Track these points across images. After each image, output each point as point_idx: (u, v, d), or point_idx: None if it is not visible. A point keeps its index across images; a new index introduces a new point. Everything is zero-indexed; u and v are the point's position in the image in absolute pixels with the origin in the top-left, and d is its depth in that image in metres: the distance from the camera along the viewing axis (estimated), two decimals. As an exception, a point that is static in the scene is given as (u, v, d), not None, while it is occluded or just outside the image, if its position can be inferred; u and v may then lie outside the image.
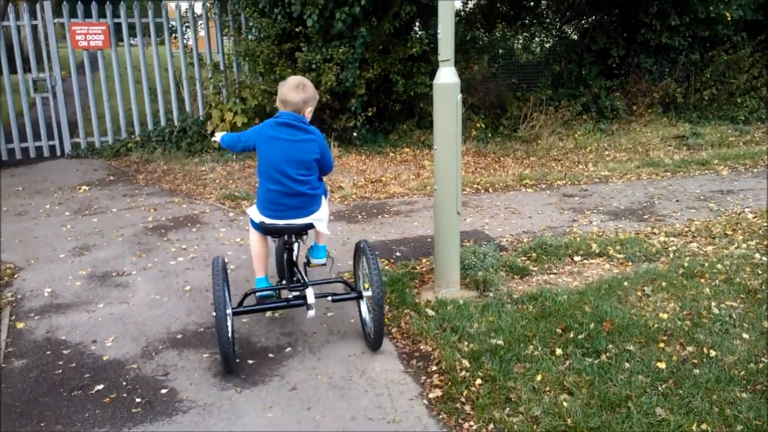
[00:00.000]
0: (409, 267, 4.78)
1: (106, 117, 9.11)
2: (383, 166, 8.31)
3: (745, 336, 3.54)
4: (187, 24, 9.42)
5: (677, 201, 6.45)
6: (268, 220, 3.50)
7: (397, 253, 5.14)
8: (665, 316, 3.77)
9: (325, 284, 3.91)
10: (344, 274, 4.70)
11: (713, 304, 3.91)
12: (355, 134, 9.01)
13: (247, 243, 5.31)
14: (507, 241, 5.38)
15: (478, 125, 9.61)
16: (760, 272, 4.38)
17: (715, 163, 7.97)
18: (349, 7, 8.05)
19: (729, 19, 10.06)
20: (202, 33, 9.54)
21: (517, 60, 11.57)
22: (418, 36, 9.38)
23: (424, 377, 3.27)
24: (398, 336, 3.72)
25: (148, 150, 8.87)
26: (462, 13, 11.60)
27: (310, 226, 3.58)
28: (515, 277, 4.55)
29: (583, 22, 12.14)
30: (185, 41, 9.42)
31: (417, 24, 10.28)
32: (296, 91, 3.41)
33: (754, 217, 5.67)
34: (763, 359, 3.30)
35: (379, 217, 6.18)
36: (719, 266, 4.48)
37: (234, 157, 8.47)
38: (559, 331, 3.60)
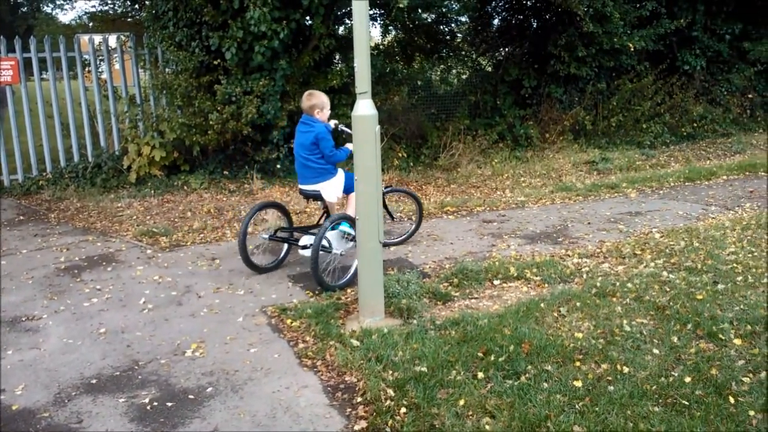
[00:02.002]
0: (334, 297, 4.78)
1: (16, 154, 8.72)
2: (291, 197, 8.29)
3: (656, 351, 3.71)
4: (101, 57, 9.19)
5: (589, 223, 6.75)
6: (299, 185, 5.39)
7: (322, 285, 5.12)
8: (580, 335, 3.91)
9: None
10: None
11: (625, 321, 4.09)
12: (278, 166, 8.97)
13: (166, 281, 5.29)
14: (430, 267, 5.46)
15: (400, 154, 9.77)
16: (667, 289, 4.62)
17: (623, 186, 8.40)
18: (268, 40, 8.08)
19: (632, 49, 10.71)
20: (117, 66, 9.32)
21: (435, 91, 11.87)
22: (338, 68, 9.49)
23: (349, 409, 3.25)
24: (323, 369, 3.69)
25: (61, 187, 8.52)
26: (381, 46, 11.84)
27: (318, 192, 5.28)
28: (438, 303, 4.62)
29: (497, 54, 12.63)
30: (99, 75, 9.18)
31: (337, 57, 10.41)
32: (306, 100, 5.21)
33: (661, 237, 5.99)
34: (672, 373, 3.46)
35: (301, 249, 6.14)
36: (629, 285, 4.70)
37: (152, 191, 8.25)
38: (480, 354, 3.67)
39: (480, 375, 3.45)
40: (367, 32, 4.14)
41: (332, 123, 5.43)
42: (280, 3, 8.06)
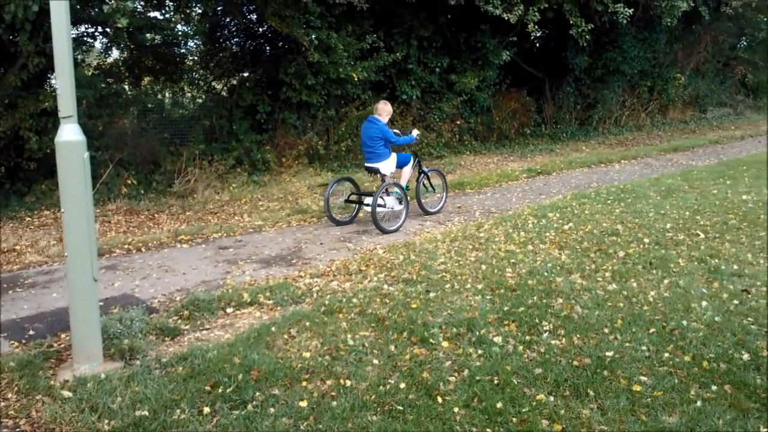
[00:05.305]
0: (45, 345, 4.29)
1: None
2: (17, 232, 7.38)
3: (376, 362, 3.97)
4: None
5: (321, 244, 7.02)
6: (365, 164, 7.97)
7: (31, 331, 4.57)
8: (308, 354, 4.02)
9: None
10: None
11: (349, 336, 4.31)
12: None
13: None
14: (159, 301, 5.20)
15: (129, 182, 9.18)
16: (387, 301, 4.98)
17: (353, 206, 8.91)
18: (-40, 55, 7.05)
19: (356, 79, 11.46)
20: None
21: (169, 115, 11.43)
22: (51, 89, 8.63)
23: (56, 470, 2.93)
24: (28, 427, 3.28)
25: None
26: (103, 65, 11.06)
27: (377, 169, 7.78)
28: (166, 339, 4.41)
29: (232, 79, 12.60)
30: None
31: (52, 76, 9.47)
32: (379, 104, 7.96)
33: (384, 252, 6.46)
34: (390, 381, 3.72)
35: (10, 292, 5.43)
36: (355, 300, 4.98)
37: None
38: (208, 388, 3.57)
39: (206, 410, 3.35)
40: (68, 49, 3.83)
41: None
42: (-26, 16, 7.09)
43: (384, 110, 7.83)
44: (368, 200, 7.59)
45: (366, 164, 7.96)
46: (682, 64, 20.60)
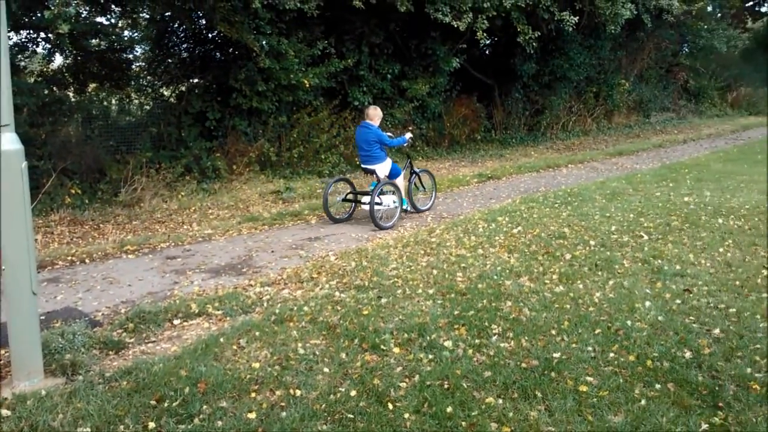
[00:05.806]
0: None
1: None
2: (-48, 246, 7.06)
3: (326, 370, 3.94)
4: None
5: (273, 251, 6.95)
6: (362, 165, 8.43)
7: (-33, 349, 4.37)
8: (257, 365, 3.97)
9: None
10: None
11: (300, 345, 4.27)
12: None
13: None
14: (103, 314, 5.06)
15: (73, 191, 8.90)
16: (339, 308, 4.96)
17: (305, 213, 8.87)
18: None
19: (308, 86, 11.40)
20: None
21: (115, 122, 11.15)
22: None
23: (-9, 493, 2.80)
24: (-40, 451, 3.14)
25: None
26: (46, 72, 10.73)
27: (374, 170, 8.23)
28: (110, 353, 4.29)
29: (180, 85, 12.38)
30: None
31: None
32: (369, 110, 8.33)
33: (336, 259, 6.44)
34: (340, 389, 3.69)
35: (-56, 308, 5.19)
36: (306, 308, 4.94)
37: None
38: (153, 402, 3.49)
39: (151, 425, 3.27)
40: (5, 55, 3.69)
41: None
42: None
43: (375, 115, 8.25)
44: (365, 199, 8.16)
45: (363, 165, 8.44)
46: (626, 70, 21.22)
